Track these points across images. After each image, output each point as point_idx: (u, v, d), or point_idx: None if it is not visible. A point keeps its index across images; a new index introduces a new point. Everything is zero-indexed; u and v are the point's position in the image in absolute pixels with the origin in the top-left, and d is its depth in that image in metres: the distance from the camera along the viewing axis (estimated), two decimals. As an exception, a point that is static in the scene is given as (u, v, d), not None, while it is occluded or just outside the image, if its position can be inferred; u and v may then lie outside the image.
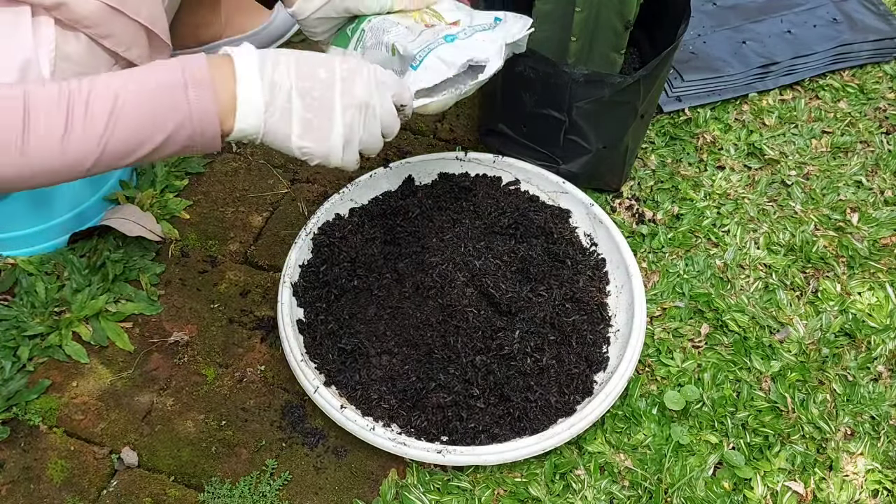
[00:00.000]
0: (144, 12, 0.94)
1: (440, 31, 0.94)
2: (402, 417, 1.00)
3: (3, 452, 0.98)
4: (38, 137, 0.66)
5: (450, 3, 1.06)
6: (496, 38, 0.94)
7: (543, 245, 1.14)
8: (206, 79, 0.70)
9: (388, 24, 0.98)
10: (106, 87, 0.68)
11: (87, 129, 0.67)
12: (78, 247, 1.16)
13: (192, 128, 0.71)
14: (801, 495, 1.00)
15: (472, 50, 0.91)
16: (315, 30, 1.02)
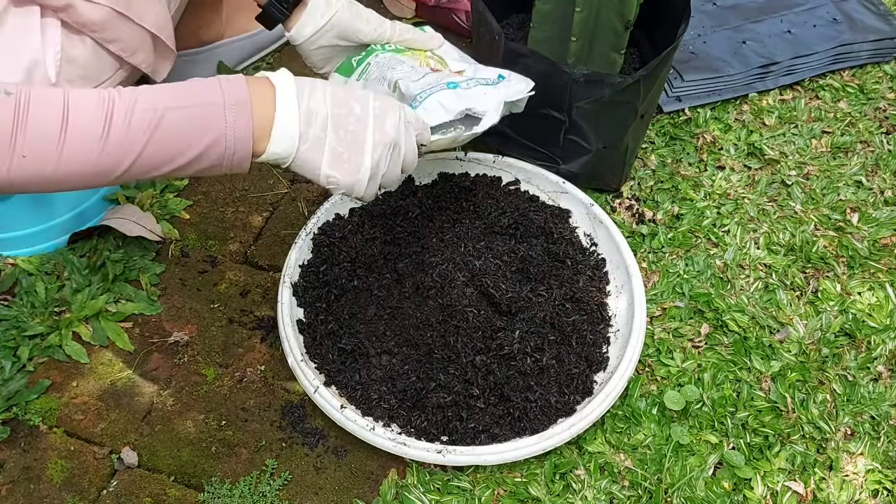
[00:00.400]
0: (150, 18, 0.94)
1: (443, 78, 0.96)
2: (402, 417, 1.00)
3: (3, 452, 0.98)
4: (76, 136, 0.67)
5: (456, 52, 1.08)
6: (497, 94, 0.96)
7: (543, 245, 1.14)
8: (246, 100, 0.71)
9: (395, 61, 0.99)
10: (148, 101, 0.69)
11: (125, 137, 0.68)
12: (78, 247, 1.16)
13: (226, 147, 0.71)
14: (801, 495, 1.00)
15: (471, 100, 0.93)
16: (313, 59, 1.03)
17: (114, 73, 0.96)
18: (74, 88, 0.70)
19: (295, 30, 0.99)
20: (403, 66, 0.98)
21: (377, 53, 1.02)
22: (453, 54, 1.08)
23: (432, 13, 1.53)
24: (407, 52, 1.04)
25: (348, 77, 1.01)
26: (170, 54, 1.01)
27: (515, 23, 1.37)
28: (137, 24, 0.93)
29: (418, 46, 1.05)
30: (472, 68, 1.04)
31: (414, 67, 0.98)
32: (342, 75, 1.02)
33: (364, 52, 1.03)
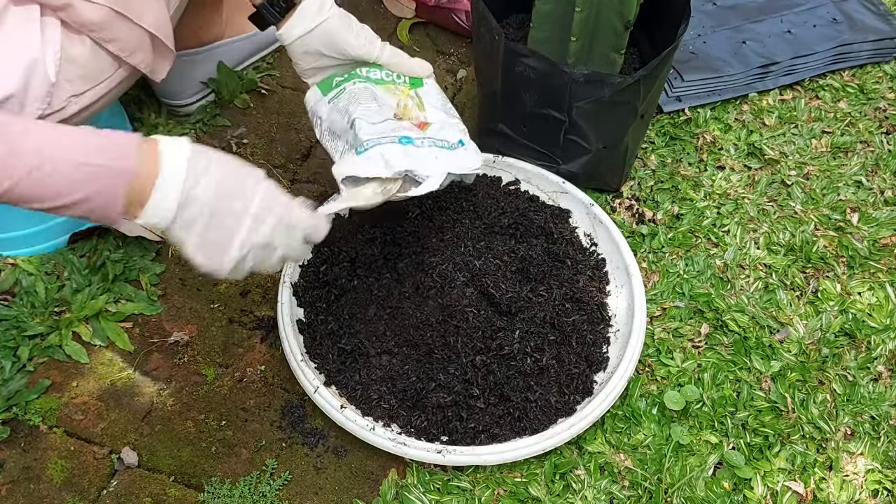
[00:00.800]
0: (149, 18, 0.94)
1: (400, 129, 0.95)
2: (402, 417, 1.00)
3: (3, 452, 0.98)
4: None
5: (438, 96, 1.06)
6: (446, 162, 0.95)
7: (543, 245, 1.14)
8: (129, 170, 0.71)
9: (367, 94, 0.99)
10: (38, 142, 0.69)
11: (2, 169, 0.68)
12: (78, 247, 1.16)
13: (95, 205, 0.72)
14: (801, 495, 1.00)
15: (417, 162, 0.92)
16: (301, 65, 1.03)
17: (113, 73, 0.96)
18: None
19: (284, 30, 1.00)
20: (371, 105, 0.97)
21: (356, 81, 1.01)
22: (434, 98, 1.06)
23: (432, 13, 1.53)
24: (389, 84, 1.04)
25: (324, 94, 1.02)
26: (169, 54, 1.01)
27: (515, 23, 1.37)
28: (136, 23, 0.93)
29: (406, 72, 1.05)
30: (440, 122, 1.01)
31: (381, 108, 0.98)
32: (320, 90, 1.03)
33: (347, 75, 1.03)
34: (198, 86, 1.33)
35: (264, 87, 1.40)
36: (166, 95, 1.31)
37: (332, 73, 1.04)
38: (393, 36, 1.52)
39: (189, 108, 1.34)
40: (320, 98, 1.03)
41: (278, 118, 1.37)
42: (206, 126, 1.33)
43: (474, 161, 0.98)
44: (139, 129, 1.30)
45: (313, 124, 1.04)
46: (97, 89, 0.95)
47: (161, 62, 1.02)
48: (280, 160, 1.32)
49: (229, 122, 1.35)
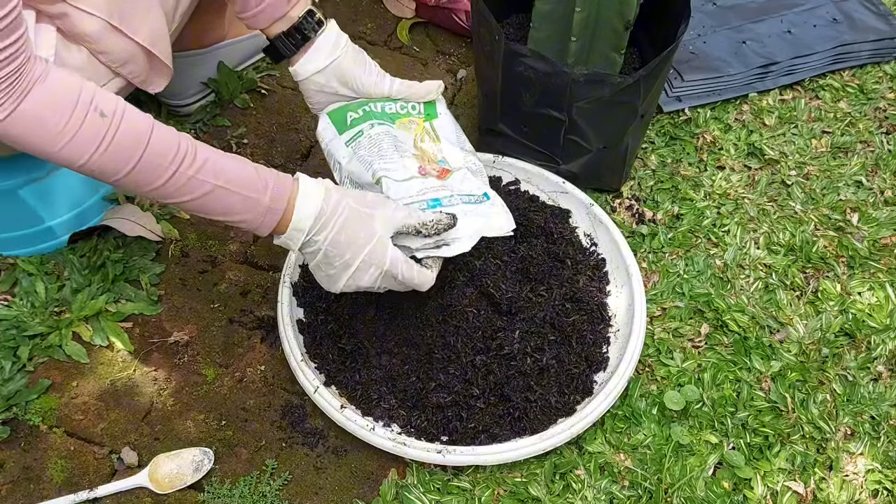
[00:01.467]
0: (143, 33, 0.94)
1: (427, 191, 0.96)
2: (402, 417, 1.00)
3: (3, 452, 0.98)
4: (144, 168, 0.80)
5: (450, 123, 1.08)
6: (475, 222, 0.95)
7: (543, 245, 1.14)
8: (279, 210, 0.86)
9: (386, 144, 0.99)
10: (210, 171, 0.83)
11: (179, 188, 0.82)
12: (78, 247, 1.16)
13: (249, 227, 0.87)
14: (801, 495, 1.00)
15: None
16: (312, 99, 1.06)
17: (108, 81, 0.96)
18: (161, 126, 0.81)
19: (298, 65, 1.02)
20: (393, 156, 0.98)
21: (373, 122, 1.02)
22: (449, 130, 1.08)
23: (432, 13, 1.53)
24: (404, 117, 1.05)
25: (338, 132, 1.03)
26: (165, 70, 1.02)
27: (515, 23, 1.37)
28: (129, 37, 0.93)
29: (418, 99, 1.06)
30: (459, 167, 1.02)
31: (403, 158, 0.98)
32: (334, 126, 1.03)
33: (362, 111, 1.03)
34: (198, 86, 1.33)
35: (264, 87, 1.40)
36: (166, 95, 1.31)
37: (345, 105, 1.05)
38: (393, 36, 1.52)
39: (189, 108, 1.34)
40: (335, 136, 1.03)
41: (278, 118, 1.37)
42: (206, 126, 1.33)
43: (506, 223, 0.98)
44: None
45: (330, 165, 1.04)
46: None
47: (156, 77, 1.02)
48: (280, 160, 1.32)
49: (229, 122, 1.35)
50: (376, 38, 1.52)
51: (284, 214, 0.86)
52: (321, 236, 0.87)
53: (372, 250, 0.88)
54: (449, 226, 0.91)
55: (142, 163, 0.79)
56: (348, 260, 0.88)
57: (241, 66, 1.40)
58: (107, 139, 0.77)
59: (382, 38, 1.52)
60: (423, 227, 0.90)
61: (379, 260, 0.88)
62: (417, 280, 0.91)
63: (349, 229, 0.87)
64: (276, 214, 0.86)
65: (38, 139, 0.76)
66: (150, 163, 0.80)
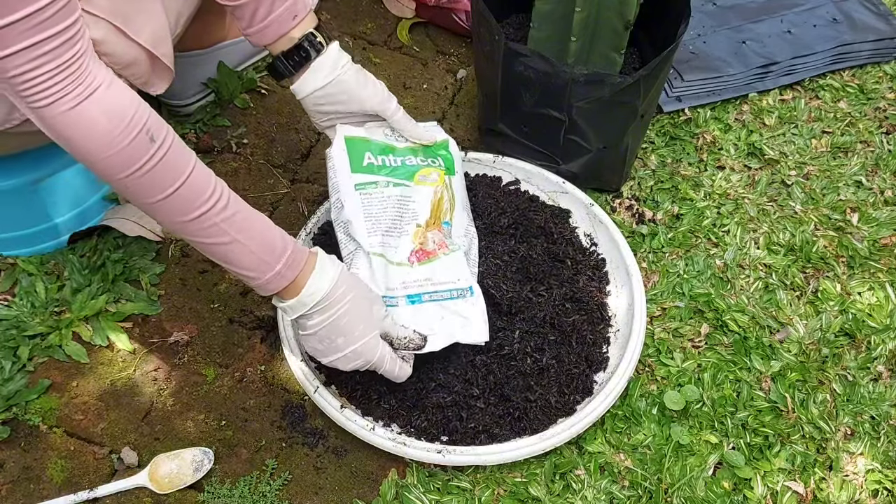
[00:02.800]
0: (146, 34, 0.94)
1: (409, 284, 0.98)
2: (402, 417, 1.00)
3: (3, 452, 0.98)
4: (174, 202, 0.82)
5: (462, 184, 1.10)
6: (451, 324, 0.97)
7: (543, 245, 1.14)
8: (289, 279, 0.87)
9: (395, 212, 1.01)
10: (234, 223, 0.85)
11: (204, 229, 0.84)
12: (78, 247, 1.16)
13: (254, 284, 0.88)
14: (801, 495, 1.00)
15: (422, 321, 0.96)
16: (314, 117, 1.06)
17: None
18: (202, 166, 0.84)
19: (298, 84, 1.02)
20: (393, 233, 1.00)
21: (389, 181, 1.02)
22: (461, 191, 1.09)
23: (432, 13, 1.53)
24: (426, 169, 1.05)
25: (351, 169, 1.02)
26: (166, 72, 1.01)
27: (515, 23, 1.37)
28: (132, 40, 0.93)
29: (414, 139, 1.07)
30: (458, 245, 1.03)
31: (401, 237, 1.00)
32: (348, 153, 1.03)
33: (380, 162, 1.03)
34: (198, 86, 1.33)
35: (264, 87, 1.40)
36: (167, 95, 1.31)
37: (365, 139, 1.04)
38: (393, 36, 1.52)
39: (189, 108, 1.34)
40: (347, 172, 1.02)
41: (278, 118, 1.37)
42: (206, 126, 1.33)
43: (479, 334, 0.98)
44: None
45: (331, 196, 1.03)
46: None
47: (157, 79, 1.02)
48: (280, 160, 1.32)
49: (229, 122, 1.35)
50: (376, 38, 1.52)
51: (293, 284, 0.88)
52: (320, 318, 0.89)
53: (364, 345, 0.90)
54: (418, 347, 0.94)
55: (175, 195, 0.81)
56: (339, 346, 0.90)
57: (241, 66, 1.39)
58: (150, 163, 0.79)
59: (382, 38, 1.52)
60: (398, 340, 0.93)
61: (368, 355, 0.91)
62: (398, 374, 0.94)
63: (348, 320, 0.89)
64: (284, 282, 0.87)
65: (86, 143, 0.77)
66: (182, 197, 0.81)
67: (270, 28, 1.00)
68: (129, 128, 0.78)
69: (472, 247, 1.07)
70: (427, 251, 1.01)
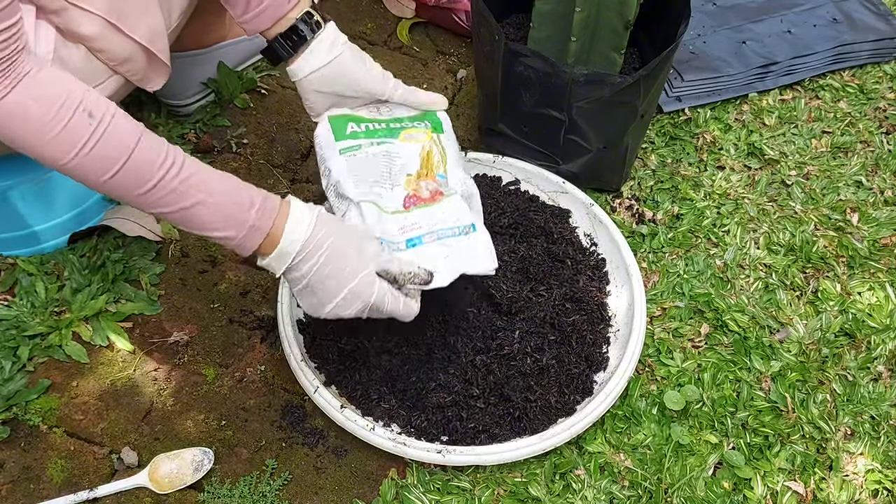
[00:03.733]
0: (141, 30, 0.94)
1: (406, 229, 0.94)
2: (402, 417, 1.00)
3: (3, 452, 0.98)
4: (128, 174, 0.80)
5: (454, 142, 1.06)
6: (456, 261, 0.94)
7: (543, 245, 1.14)
8: (264, 231, 0.85)
9: (381, 166, 0.98)
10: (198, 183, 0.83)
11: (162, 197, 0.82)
12: (78, 247, 1.16)
13: (233, 244, 0.86)
14: (801, 495, 1.00)
15: (426, 260, 0.93)
16: (310, 100, 1.03)
17: (106, 79, 0.96)
18: (150, 135, 0.82)
19: (296, 65, 1.00)
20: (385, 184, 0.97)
21: (373, 141, 1.00)
22: (453, 148, 1.05)
23: (432, 13, 1.53)
24: (411, 128, 1.03)
25: (336, 139, 1.00)
26: (163, 68, 1.01)
27: (515, 23, 1.37)
28: (128, 36, 0.93)
29: (421, 107, 1.05)
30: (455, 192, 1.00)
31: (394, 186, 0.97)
32: (333, 132, 1.01)
33: (363, 128, 1.01)
34: (198, 86, 1.33)
35: (264, 87, 1.40)
36: (166, 95, 1.31)
37: (348, 113, 1.03)
38: (393, 36, 1.52)
39: (189, 108, 1.34)
40: (331, 142, 1.00)
41: (278, 118, 1.37)
42: (206, 126, 1.33)
43: (488, 263, 0.96)
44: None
45: (320, 169, 1.02)
46: None
47: (154, 75, 1.02)
48: (280, 160, 1.32)
49: (229, 122, 1.35)
50: (376, 38, 1.52)
51: (270, 236, 0.85)
52: (306, 266, 0.86)
53: (358, 284, 0.87)
54: (425, 281, 0.90)
55: (126, 168, 0.79)
56: (333, 291, 0.87)
57: (241, 66, 1.39)
58: (93, 140, 0.78)
59: (382, 38, 1.52)
60: (401, 276, 0.89)
61: (365, 294, 0.87)
62: (403, 311, 0.91)
63: (335, 262, 0.87)
64: (260, 234, 0.85)
65: (23, 131, 0.77)
66: (134, 169, 0.80)
67: (266, 12, 0.99)
68: (64, 109, 0.77)
69: (473, 198, 1.03)
70: (421, 197, 0.98)
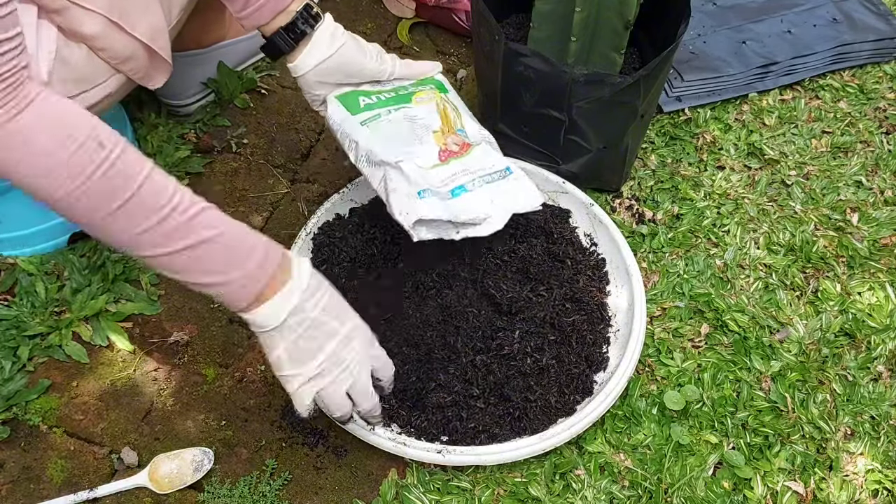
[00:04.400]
0: (142, 28, 0.94)
1: (450, 180, 0.97)
2: (402, 417, 1.00)
3: (3, 452, 0.99)
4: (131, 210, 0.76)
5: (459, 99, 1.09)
6: (504, 203, 0.98)
7: (543, 245, 1.14)
8: (269, 274, 0.82)
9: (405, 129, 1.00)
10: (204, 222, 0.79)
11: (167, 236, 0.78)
12: (78, 247, 1.16)
13: (223, 296, 0.83)
14: (801, 495, 1.00)
15: (476, 208, 0.96)
16: (313, 93, 1.04)
17: (108, 78, 0.96)
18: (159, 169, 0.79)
19: (299, 60, 1.00)
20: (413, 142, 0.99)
21: (390, 109, 1.02)
22: (460, 102, 1.09)
23: (432, 13, 1.53)
24: (420, 92, 1.05)
25: (353, 113, 1.01)
26: (164, 65, 1.01)
27: (515, 23, 1.37)
28: (129, 33, 0.93)
29: (418, 77, 1.07)
30: (478, 142, 1.03)
31: (423, 144, 0.99)
32: (345, 108, 1.02)
33: (375, 99, 1.03)
34: (198, 86, 1.33)
35: (264, 87, 1.40)
36: (166, 95, 1.31)
37: (353, 90, 1.04)
38: (393, 36, 1.52)
39: (189, 108, 1.34)
40: (348, 117, 1.01)
41: (278, 118, 1.37)
42: (206, 126, 1.33)
43: (534, 198, 1.00)
44: (139, 130, 1.30)
45: (343, 145, 1.03)
46: (92, 93, 0.95)
47: (156, 72, 1.02)
48: (280, 160, 1.32)
49: (229, 122, 1.35)
50: (376, 38, 1.52)
51: (271, 281, 0.82)
52: (310, 304, 0.84)
53: (358, 322, 0.87)
54: None
55: (135, 198, 0.76)
56: (335, 328, 0.86)
57: (241, 66, 1.40)
58: (103, 167, 0.75)
59: (382, 38, 1.52)
60: None
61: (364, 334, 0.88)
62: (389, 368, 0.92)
63: (337, 298, 0.87)
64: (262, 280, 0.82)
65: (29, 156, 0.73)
66: (143, 199, 0.76)
67: (267, 6, 0.99)
68: (74, 135, 0.74)
69: (493, 145, 1.07)
70: (453, 151, 1.01)
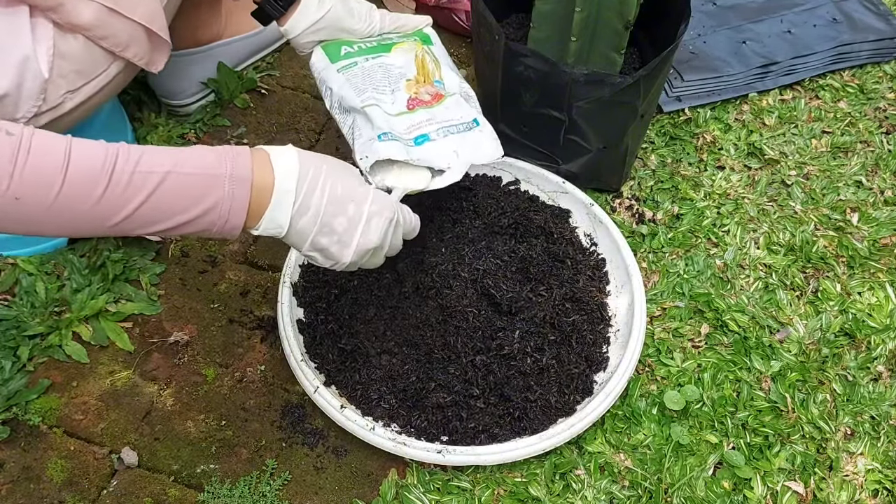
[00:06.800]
0: (140, 10, 0.94)
1: (414, 128, 0.98)
2: (402, 417, 1.00)
3: (3, 452, 0.98)
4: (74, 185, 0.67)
5: (445, 52, 1.11)
6: (465, 153, 0.98)
7: (543, 245, 1.14)
8: (247, 178, 0.73)
9: (379, 76, 1.01)
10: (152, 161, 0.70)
11: (122, 194, 0.69)
12: (78, 247, 1.16)
13: (219, 216, 0.74)
14: (801, 495, 1.00)
15: (437, 156, 0.96)
16: (306, 51, 1.06)
17: (108, 67, 0.96)
18: (79, 138, 0.70)
19: (289, 24, 1.02)
20: (385, 90, 1.00)
21: (367, 57, 1.03)
22: (444, 56, 1.10)
23: (432, 13, 1.52)
24: (401, 43, 1.07)
25: (332, 61, 1.03)
26: (164, 46, 1.02)
27: (515, 23, 1.37)
28: (128, 17, 0.93)
29: (409, 30, 1.09)
30: (454, 93, 1.04)
31: (395, 92, 1.00)
32: (327, 56, 1.04)
33: (356, 48, 1.05)
34: (198, 86, 1.33)
35: (264, 87, 1.40)
36: (166, 95, 1.31)
37: (339, 39, 1.05)
38: (393, 36, 1.52)
39: (189, 108, 1.34)
40: (328, 65, 1.03)
41: (278, 118, 1.37)
42: (206, 126, 1.33)
43: (494, 150, 1.01)
44: (139, 130, 1.30)
45: (322, 92, 1.04)
46: (93, 84, 0.95)
47: (157, 54, 1.02)
48: (280, 160, 1.32)
49: (229, 122, 1.35)
50: (376, 38, 1.52)
51: (257, 186, 0.74)
52: (314, 197, 0.76)
53: (376, 198, 0.81)
54: None
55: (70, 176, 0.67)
56: (353, 216, 0.79)
57: (240, 65, 1.40)
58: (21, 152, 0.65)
59: (382, 38, 1.52)
60: None
61: (388, 206, 0.82)
62: (413, 223, 0.89)
63: (343, 181, 0.78)
64: (245, 184, 0.73)
65: None
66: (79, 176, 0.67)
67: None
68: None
69: (472, 99, 1.07)
70: (423, 101, 1.01)
